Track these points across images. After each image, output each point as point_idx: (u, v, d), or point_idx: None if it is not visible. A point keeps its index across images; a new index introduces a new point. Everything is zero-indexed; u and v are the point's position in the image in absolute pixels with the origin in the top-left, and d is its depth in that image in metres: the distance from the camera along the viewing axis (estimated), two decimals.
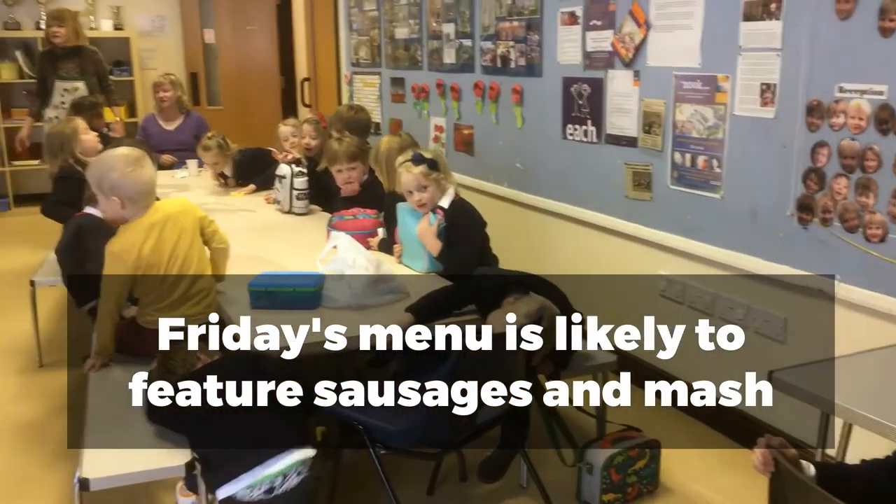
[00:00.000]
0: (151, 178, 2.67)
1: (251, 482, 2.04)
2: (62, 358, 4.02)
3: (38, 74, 5.73)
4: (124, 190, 2.56)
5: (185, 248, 2.65)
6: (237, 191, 4.67)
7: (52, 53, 5.63)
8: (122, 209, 2.58)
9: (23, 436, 3.26)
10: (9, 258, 5.93)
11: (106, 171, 2.59)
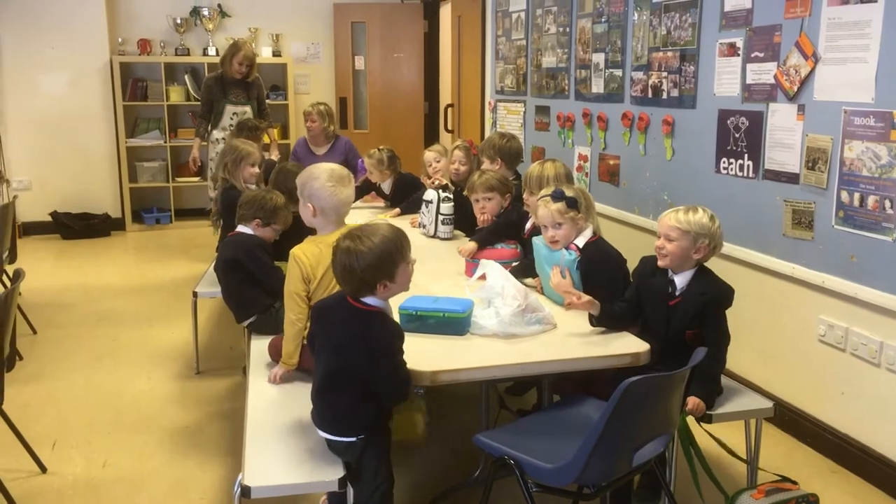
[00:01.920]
0: (347, 197, 2.80)
1: None
2: (217, 366, 4.26)
3: (206, 98, 6.08)
4: (319, 200, 2.72)
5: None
6: (384, 213, 4.81)
7: (223, 79, 5.97)
8: (312, 217, 2.75)
9: (180, 438, 3.46)
10: (170, 268, 6.33)
11: (311, 178, 2.76)
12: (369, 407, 2.19)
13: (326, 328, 2.24)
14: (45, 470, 3.15)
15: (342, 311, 2.21)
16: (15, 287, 2.86)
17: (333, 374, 2.19)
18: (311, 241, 2.72)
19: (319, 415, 2.25)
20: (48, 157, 7.36)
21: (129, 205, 7.66)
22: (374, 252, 2.14)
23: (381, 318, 2.20)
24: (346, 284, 2.20)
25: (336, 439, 2.21)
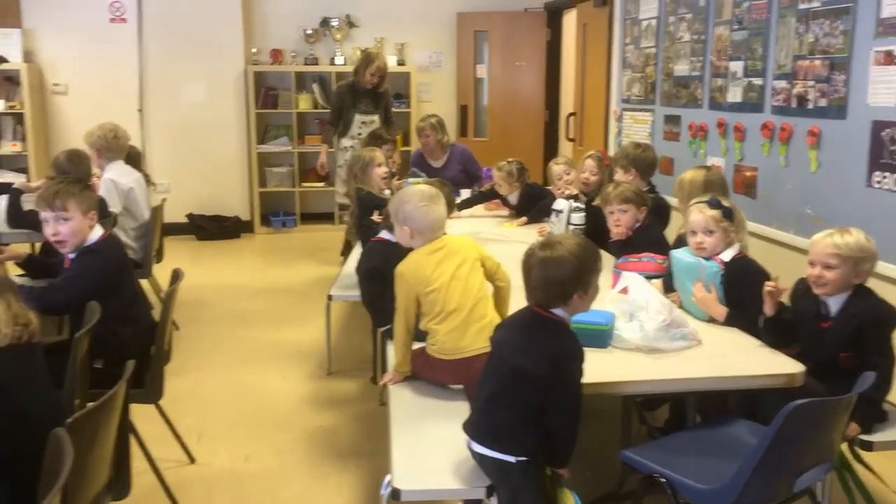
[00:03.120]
0: (441, 215, 2.83)
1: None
2: (346, 368, 4.37)
3: (336, 105, 6.21)
4: (415, 221, 2.76)
5: (465, 272, 2.76)
6: (510, 222, 4.82)
7: (354, 88, 6.11)
8: (410, 238, 2.79)
9: (316, 438, 3.57)
10: (297, 271, 6.54)
11: (403, 202, 2.82)
12: (538, 430, 2.11)
13: (507, 337, 2.21)
14: (194, 461, 3.32)
15: (529, 320, 2.17)
16: (175, 287, 3.03)
17: (507, 387, 2.12)
18: (414, 255, 2.75)
19: (478, 426, 2.19)
20: (185, 161, 7.75)
21: (258, 208, 7.98)
22: (576, 259, 2.11)
23: (569, 330, 2.16)
24: (540, 293, 2.14)
25: (491, 455, 2.13)
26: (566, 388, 2.08)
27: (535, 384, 2.07)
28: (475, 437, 2.17)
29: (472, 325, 2.65)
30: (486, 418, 2.16)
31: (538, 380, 2.06)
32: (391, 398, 2.76)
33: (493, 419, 2.13)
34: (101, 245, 3.02)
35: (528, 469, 2.11)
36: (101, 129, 4.51)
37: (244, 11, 7.68)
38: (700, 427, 2.55)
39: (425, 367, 2.68)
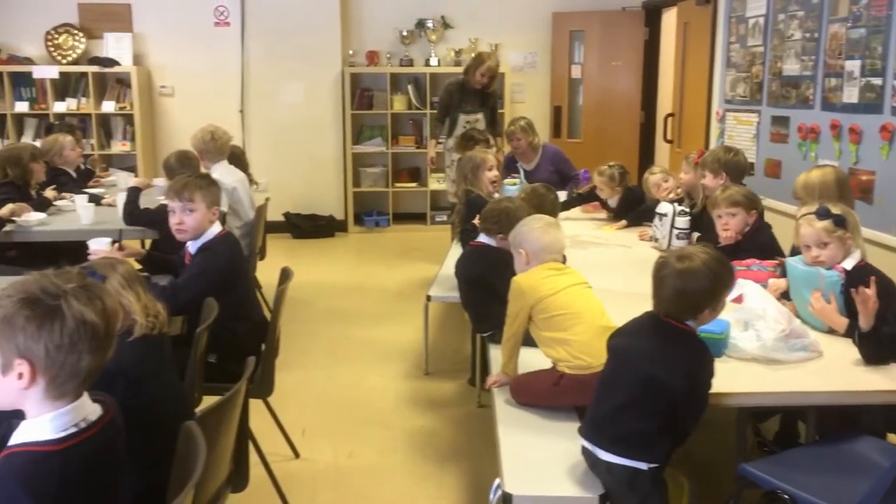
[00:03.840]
0: (559, 241, 2.81)
1: None
2: (443, 369, 4.39)
3: (445, 102, 6.29)
4: (530, 244, 2.75)
5: (584, 289, 2.74)
6: (609, 225, 4.75)
7: (464, 88, 6.14)
8: (525, 263, 2.77)
9: (416, 437, 3.60)
10: (391, 270, 6.61)
11: (521, 226, 2.83)
12: (671, 437, 2.11)
13: (636, 345, 2.19)
14: (299, 455, 3.39)
15: (660, 330, 2.15)
16: (285, 286, 3.10)
17: (640, 396, 2.10)
18: (528, 272, 2.74)
19: (604, 434, 2.16)
20: (283, 161, 7.93)
21: (352, 208, 8.11)
22: (712, 273, 2.10)
23: (701, 341, 2.16)
24: (672, 305, 2.13)
25: (622, 462, 2.11)
26: (699, 396, 2.10)
27: (670, 394, 2.06)
28: (601, 445, 2.15)
29: (605, 333, 2.60)
30: (616, 427, 2.13)
31: (675, 391, 2.06)
32: (496, 401, 2.75)
33: (623, 427, 2.11)
34: (217, 242, 3.12)
35: (657, 475, 2.11)
36: (201, 131, 4.67)
37: (342, 14, 7.81)
38: (822, 443, 2.45)
39: (554, 394, 2.60)
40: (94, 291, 1.49)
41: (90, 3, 7.59)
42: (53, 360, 1.42)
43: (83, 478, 1.48)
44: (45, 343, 1.41)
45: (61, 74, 7.48)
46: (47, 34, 7.51)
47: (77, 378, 1.47)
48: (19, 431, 1.49)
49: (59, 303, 1.42)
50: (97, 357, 1.48)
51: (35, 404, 1.47)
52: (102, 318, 1.47)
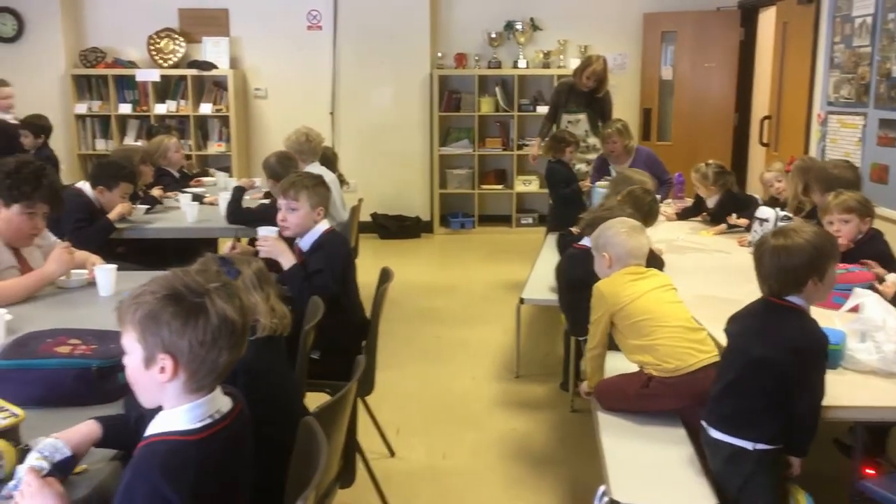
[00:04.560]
0: (642, 245, 2.79)
1: None
2: (534, 372, 4.37)
3: (553, 102, 6.29)
4: (614, 248, 2.73)
5: (668, 292, 2.70)
6: (707, 230, 4.64)
7: (573, 89, 6.11)
8: (608, 268, 2.75)
9: (509, 440, 3.59)
10: (477, 272, 6.62)
11: (605, 228, 2.81)
12: (777, 417, 2.12)
13: (743, 327, 2.24)
14: (394, 454, 3.42)
15: (763, 309, 2.21)
16: (386, 286, 3.14)
17: (745, 375, 2.15)
18: (610, 277, 2.73)
19: (714, 412, 2.22)
20: (371, 162, 8.04)
21: (438, 209, 8.15)
22: (811, 246, 2.13)
23: (809, 316, 2.18)
24: (773, 281, 2.18)
25: (727, 440, 2.15)
26: (809, 374, 2.10)
27: (774, 371, 2.10)
28: (710, 423, 2.21)
29: (690, 334, 2.58)
30: (723, 405, 2.19)
31: (777, 367, 2.09)
32: (596, 406, 2.72)
33: (729, 405, 2.17)
34: (327, 238, 3.18)
35: (763, 458, 2.13)
36: (295, 133, 4.77)
37: (431, 17, 7.86)
38: None
39: (643, 397, 2.59)
40: (232, 289, 1.54)
41: (190, 8, 7.86)
42: (196, 355, 1.47)
43: (217, 467, 1.53)
44: (189, 339, 1.46)
45: (162, 77, 7.77)
46: (150, 39, 7.81)
47: (215, 373, 1.52)
48: (157, 421, 1.55)
49: (203, 300, 1.47)
50: (234, 353, 1.52)
51: (173, 397, 1.53)
52: (241, 315, 1.52)
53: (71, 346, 2.02)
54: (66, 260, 3.00)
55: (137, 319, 1.48)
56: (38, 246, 3.12)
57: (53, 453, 1.55)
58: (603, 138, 5.67)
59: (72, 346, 2.02)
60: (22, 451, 1.60)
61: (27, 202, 2.89)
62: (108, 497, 1.61)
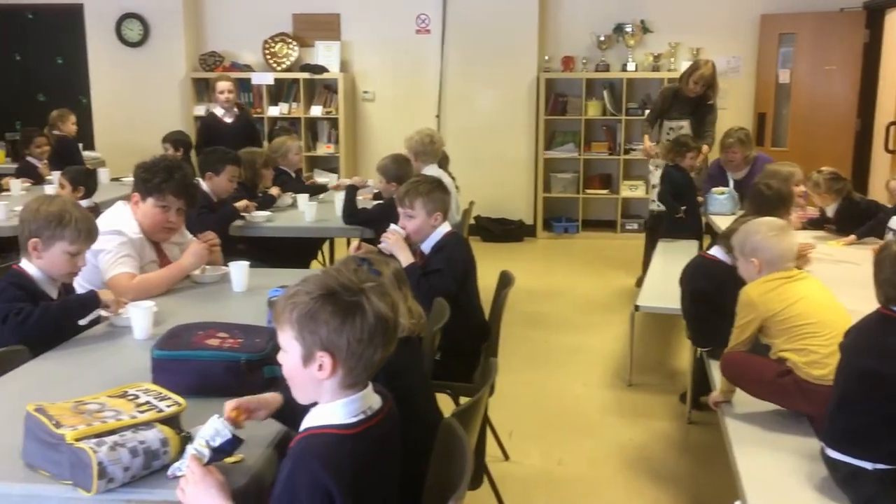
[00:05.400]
0: (792, 246, 2.68)
1: None
2: (648, 381, 4.28)
3: (656, 107, 6.13)
4: (763, 253, 2.63)
5: (826, 294, 2.59)
6: (836, 240, 4.45)
7: (677, 95, 5.94)
8: (757, 272, 2.65)
9: (626, 449, 3.53)
10: (581, 277, 6.55)
11: (750, 234, 2.71)
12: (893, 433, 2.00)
13: (854, 340, 2.13)
14: (508, 457, 3.42)
15: (876, 320, 2.09)
16: (507, 291, 3.14)
17: (858, 390, 2.04)
18: (760, 281, 2.62)
19: (830, 430, 2.12)
20: (475, 165, 8.02)
21: (542, 213, 8.11)
22: None
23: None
24: (890, 288, 2.05)
25: (844, 459, 2.04)
26: None
27: (889, 385, 1.97)
28: (827, 441, 2.11)
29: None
30: (838, 423, 2.09)
31: (889, 380, 1.96)
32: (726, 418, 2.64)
33: (845, 423, 2.06)
34: (447, 240, 3.21)
35: (885, 479, 1.99)
36: (419, 133, 4.83)
37: (540, 20, 7.83)
38: None
39: (778, 389, 2.51)
40: (384, 287, 1.57)
41: (304, 13, 8.08)
42: (353, 352, 1.50)
43: (371, 462, 1.56)
44: (347, 336, 1.49)
45: (276, 80, 8.00)
46: (265, 43, 8.06)
47: (369, 369, 1.55)
48: (313, 414, 1.59)
49: (359, 298, 1.50)
50: (387, 349, 1.55)
51: (329, 392, 1.56)
52: (393, 313, 1.55)
53: (220, 339, 2.10)
54: (202, 253, 3.13)
55: (294, 318, 1.52)
56: (177, 243, 3.26)
57: (214, 437, 1.61)
58: (723, 147, 5.52)
59: (220, 340, 2.10)
60: (184, 438, 1.67)
61: (158, 195, 3.03)
62: (264, 486, 1.67)
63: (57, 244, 2.54)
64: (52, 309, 2.45)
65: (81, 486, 1.55)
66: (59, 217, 2.53)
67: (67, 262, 2.57)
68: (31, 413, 1.64)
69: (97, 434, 1.56)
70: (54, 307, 2.47)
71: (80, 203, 3.49)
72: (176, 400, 1.74)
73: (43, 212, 2.54)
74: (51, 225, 2.52)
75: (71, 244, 2.55)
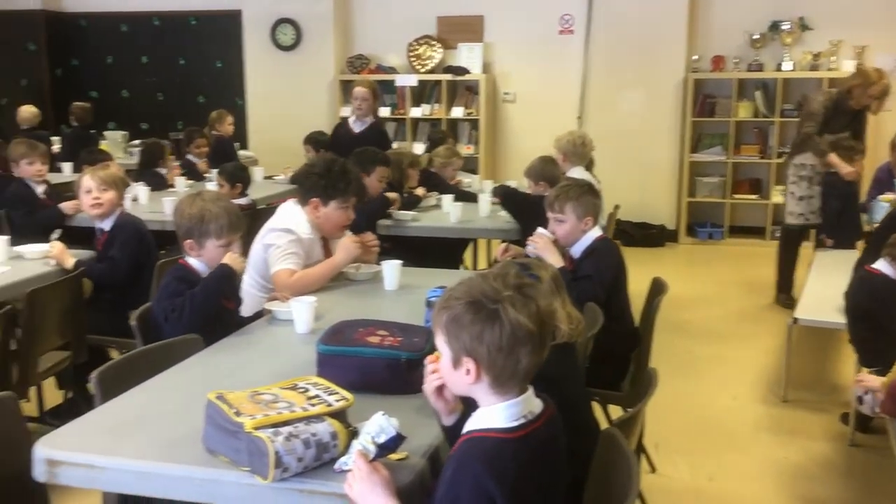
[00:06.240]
0: None
1: None
2: (805, 398, 4.05)
3: (822, 120, 5.61)
4: None
5: None
6: None
7: (838, 106, 5.39)
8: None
9: (782, 470, 3.35)
10: (728, 285, 6.30)
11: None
12: None
13: None
14: (655, 469, 3.32)
15: None
16: (660, 298, 3.05)
17: None
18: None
19: None
20: (617, 167, 7.84)
21: (685, 218, 7.85)
22: None
23: None
24: None
25: None
26: None
27: None
28: None
29: None
30: None
31: None
32: None
33: None
34: (596, 245, 3.16)
35: None
36: (570, 135, 4.79)
37: (689, 19, 7.59)
38: None
39: None
40: (529, 294, 1.55)
41: (448, 15, 8.18)
42: (494, 360, 1.51)
43: (534, 467, 1.55)
44: (487, 345, 1.50)
45: (419, 82, 8.14)
46: (409, 45, 8.23)
47: (517, 377, 1.54)
48: (475, 418, 1.59)
49: (497, 307, 1.50)
50: (534, 357, 1.54)
51: (484, 395, 1.57)
52: (536, 321, 1.53)
53: (380, 336, 2.14)
54: (351, 247, 3.20)
55: (444, 323, 1.55)
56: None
57: (379, 433, 1.64)
58: (893, 145, 5.14)
59: (381, 337, 2.14)
60: (351, 432, 1.71)
61: (342, 198, 3.15)
62: (427, 485, 1.69)
63: (207, 241, 2.73)
64: (196, 295, 2.62)
65: (258, 474, 1.62)
66: (200, 218, 2.71)
67: (223, 254, 2.74)
68: (212, 401, 1.72)
69: (273, 424, 1.63)
70: (198, 292, 2.64)
71: (232, 200, 3.68)
72: (344, 395, 1.78)
73: (186, 215, 2.73)
74: (196, 226, 2.71)
75: (218, 239, 2.73)
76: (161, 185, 5.68)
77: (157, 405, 2.02)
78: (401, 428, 1.66)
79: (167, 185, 5.77)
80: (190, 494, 1.71)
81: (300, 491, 1.62)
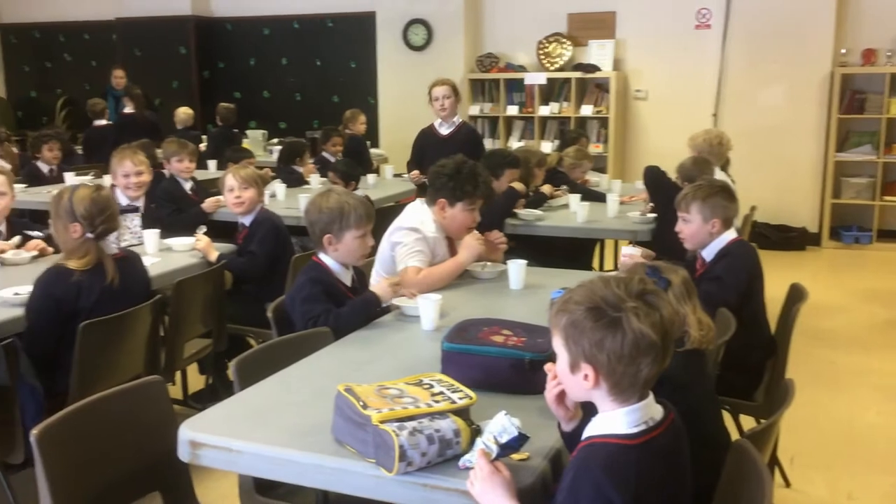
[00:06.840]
0: None
1: None
2: None
3: None
4: None
5: None
6: None
7: None
8: None
9: None
10: (875, 292, 5.93)
11: None
12: None
13: None
14: (789, 485, 3.17)
15: None
16: (798, 306, 2.91)
17: None
18: None
19: None
20: (754, 167, 7.52)
21: (829, 221, 7.43)
22: None
23: None
24: None
25: None
26: None
27: None
28: None
29: None
30: None
31: None
32: None
33: None
34: (733, 247, 3.05)
35: None
36: (706, 133, 4.65)
37: (838, 11, 7.16)
38: None
39: None
40: (652, 301, 1.50)
41: (579, 12, 8.09)
42: (614, 368, 1.48)
43: (655, 474, 1.51)
44: (607, 353, 1.47)
45: (548, 80, 8.09)
46: (539, 43, 8.19)
47: (637, 385, 1.51)
48: (595, 423, 1.57)
49: (619, 315, 1.47)
50: (655, 366, 1.50)
51: (603, 401, 1.55)
52: (659, 330, 1.48)
53: (504, 336, 2.15)
54: (474, 244, 3.22)
55: (562, 326, 1.53)
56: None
57: (501, 433, 1.65)
58: None
59: (505, 337, 2.15)
60: (474, 430, 1.73)
61: (469, 200, 3.18)
62: (549, 487, 1.69)
63: (346, 234, 2.76)
64: (340, 316, 2.65)
65: (384, 466, 1.66)
66: (340, 209, 2.75)
67: (360, 246, 2.80)
68: (341, 393, 1.78)
69: (399, 418, 1.67)
70: (344, 313, 2.66)
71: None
72: (467, 393, 1.80)
73: (325, 209, 2.77)
74: (336, 219, 2.75)
75: (357, 229, 2.77)
76: (297, 182, 5.91)
77: (289, 394, 2.11)
78: (523, 428, 1.66)
79: (303, 182, 6.00)
80: (319, 482, 1.78)
81: (423, 485, 1.65)
